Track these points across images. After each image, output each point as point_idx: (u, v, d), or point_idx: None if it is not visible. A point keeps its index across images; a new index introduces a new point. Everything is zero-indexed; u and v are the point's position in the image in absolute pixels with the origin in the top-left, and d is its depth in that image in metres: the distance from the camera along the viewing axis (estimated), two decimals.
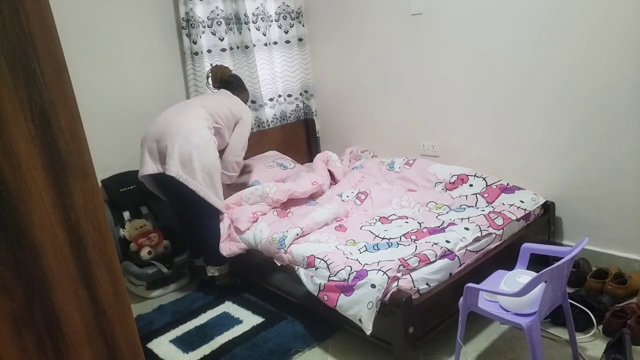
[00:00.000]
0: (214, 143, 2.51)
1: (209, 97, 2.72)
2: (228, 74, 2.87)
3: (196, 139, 2.43)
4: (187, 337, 2.28)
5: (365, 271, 1.88)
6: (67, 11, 2.63)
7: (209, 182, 2.47)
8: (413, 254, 1.95)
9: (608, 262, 2.38)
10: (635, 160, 2.23)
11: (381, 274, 1.83)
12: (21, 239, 0.78)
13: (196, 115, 2.51)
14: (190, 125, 2.45)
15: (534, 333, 1.55)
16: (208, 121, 2.52)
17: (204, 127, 2.48)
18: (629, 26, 2.10)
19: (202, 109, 2.55)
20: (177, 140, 2.40)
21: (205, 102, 2.61)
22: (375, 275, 1.83)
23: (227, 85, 2.84)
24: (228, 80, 2.84)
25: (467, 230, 2.13)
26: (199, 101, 2.63)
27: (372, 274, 1.85)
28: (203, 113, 2.53)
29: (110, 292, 0.90)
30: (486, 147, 2.76)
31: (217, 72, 2.86)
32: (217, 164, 2.50)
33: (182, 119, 2.47)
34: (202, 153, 2.43)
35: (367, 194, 2.72)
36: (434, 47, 2.84)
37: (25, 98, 0.76)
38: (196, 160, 2.41)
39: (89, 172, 0.85)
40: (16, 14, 0.74)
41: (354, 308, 1.86)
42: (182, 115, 2.50)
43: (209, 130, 2.51)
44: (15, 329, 0.78)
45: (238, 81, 2.88)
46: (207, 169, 2.45)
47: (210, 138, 2.50)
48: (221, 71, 2.86)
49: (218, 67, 2.89)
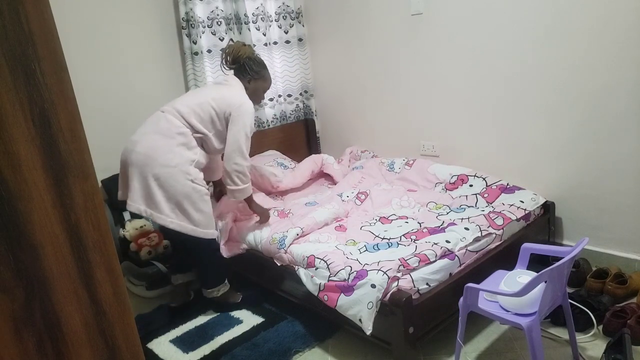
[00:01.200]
0: (188, 164, 2.17)
1: (197, 94, 2.35)
2: (245, 55, 2.41)
3: (156, 168, 2.10)
4: (187, 337, 2.28)
5: (365, 271, 1.88)
6: (67, 11, 2.63)
7: (180, 211, 2.15)
8: (413, 254, 1.95)
9: (608, 262, 2.38)
10: (636, 160, 2.23)
11: (381, 274, 1.83)
12: (21, 239, 0.78)
13: (165, 130, 2.17)
14: (153, 149, 2.12)
15: (534, 333, 1.55)
16: (183, 136, 2.18)
17: (172, 147, 2.14)
18: (629, 26, 2.10)
19: (176, 119, 2.20)
20: (136, 170, 2.12)
21: (187, 103, 2.25)
22: (375, 275, 1.83)
23: (241, 68, 2.42)
24: (242, 63, 2.41)
25: (467, 230, 2.13)
26: (179, 103, 2.26)
27: (372, 274, 1.84)
28: (176, 125, 2.19)
29: (110, 292, 0.90)
30: (486, 147, 2.76)
31: (231, 51, 2.42)
32: (188, 190, 2.15)
33: (146, 139, 2.17)
34: (166, 183, 2.11)
35: (367, 194, 2.72)
36: (434, 47, 2.84)
37: (25, 98, 0.76)
38: (158, 194, 2.11)
39: (89, 172, 0.85)
40: (16, 14, 0.74)
41: (354, 308, 1.86)
42: (147, 134, 2.19)
43: (181, 148, 2.16)
44: (15, 330, 0.78)
45: (254, 65, 2.41)
46: (175, 199, 2.13)
47: (182, 161, 2.15)
48: (236, 50, 2.41)
49: (235, 44, 2.45)
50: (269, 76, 2.50)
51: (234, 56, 2.41)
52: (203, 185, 2.24)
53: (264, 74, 2.45)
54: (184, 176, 2.14)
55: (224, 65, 2.47)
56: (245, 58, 2.41)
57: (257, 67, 2.42)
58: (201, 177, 2.24)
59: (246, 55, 2.41)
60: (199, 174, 2.22)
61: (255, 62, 2.43)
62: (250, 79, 2.41)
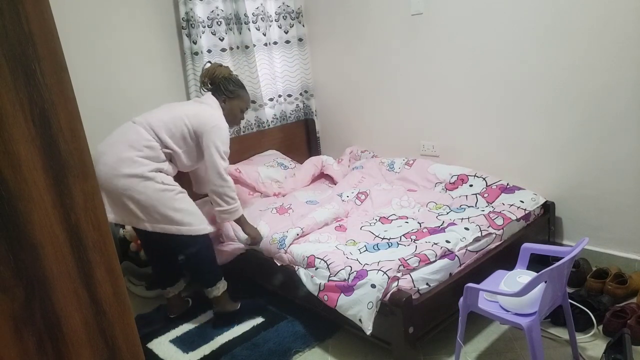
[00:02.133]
0: (154, 171, 2.12)
1: (172, 109, 2.30)
2: (220, 76, 2.43)
3: (121, 179, 2.05)
4: (187, 337, 2.28)
5: (366, 271, 1.88)
6: (67, 11, 2.63)
7: (158, 215, 2.11)
8: (413, 254, 1.95)
9: (608, 262, 2.38)
10: (636, 160, 2.23)
11: (381, 274, 1.83)
12: (21, 239, 0.78)
13: (133, 141, 2.12)
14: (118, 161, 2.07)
15: (534, 333, 1.55)
16: (150, 149, 2.13)
17: (137, 157, 2.09)
18: (629, 26, 2.10)
19: (146, 132, 2.15)
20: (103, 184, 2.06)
21: (160, 117, 2.22)
22: (375, 276, 1.83)
23: (217, 88, 2.43)
24: (217, 83, 2.43)
25: (467, 230, 2.13)
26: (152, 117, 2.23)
27: (372, 274, 1.85)
28: (145, 138, 2.14)
29: (110, 292, 0.89)
30: (486, 146, 2.76)
31: (207, 73, 2.46)
32: (158, 195, 2.10)
33: (112, 151, 2.12)
34: (135, 192, 2.07)
35: (367, 194, 2.72)
36: (434, 47, 2.84)
37: (25, 98, 0.76)
38: (130, 204, 2.08)
39: (89, 172, 0.85)
40: (16, 14, 0.74)
41: (354, 308, 1.86)
42: (114, 145, 2.14)
43: (146, 160, 2.11)
44: (16, 329, 0.78)
45: (228, 84, 2.42)
46: (149, 205, 2.09)
47: (146, 169, 2.09)
48: (212, 71, 2.44)
49: (211, 66, 2.47)
50: (246, 95, 2.49)
51: (210, 77, 2.44)
52: (174, 184, 2.19)
53: (239, 93, 2.45)
54: (149, 182, 2.09)
55: (202, 88, 2.51)
56: (221, 78, 2.42)
57: (232, 86, 2.43)
58: (170, 180, 2.19)
59: (222, 76, 2.42)
60: (166, 178, 2.17)
61: (231, 81, 2.44)
62: (225, 98, 2.41)
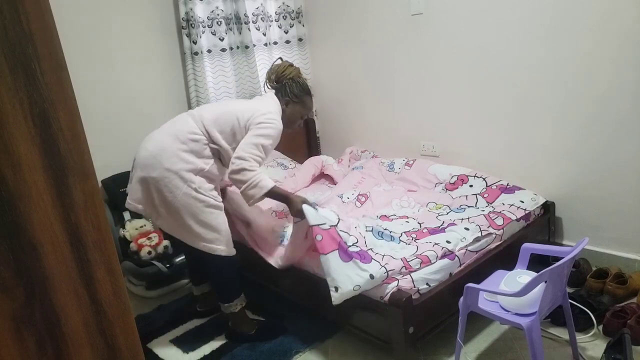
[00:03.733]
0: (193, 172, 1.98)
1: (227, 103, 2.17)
2: (288, 76, 2.25)
3: (157, 171, 1.94)
4: (187, 337, 2.28)
5: (370, 257, 1.87)
6: (67, 11, 2.63)
7: (178, 219, 1.99)
8: (415, 255, 1.95)
9: (608, 262, 2.38)
10: (636, 160, 2.23)
11: (383, 271, 1.82)
12: (21, 239, 0.78)
13: (179, 132, 2.01)
14: (160, 150, 1.97)
15: (534, 333, 1.55)
16: (195, 143, 2.00)
17: (179, 151, 1.97)
18: (632, 28, 2.10)
19: (195, 123, 2.03)
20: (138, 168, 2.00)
21: (212, 110, 2.10)
22: (377, 269, 1.82)
23: (281, 89, 2.24)
24: (284, 83, 2.25)
25: (467, 230, 2.13)
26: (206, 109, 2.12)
27: (375, 266, 1.83)
28: (191, 130, 2.01)
29: (110, 292, 0.89)
30: (486, 146, 2.76)
31: (275, 70, 2.27)
32: (188, 200, 1.96)
33: (158, 138, 2.03)
34: (165, 189, 1.95)
35: (367, 196, 2.71)
36: (434, 47, 2.84)
37: (25, 98, 0.76)
38: (155, 198, 1.97)
39: (89, 172, 0.85)
40: (16, 14, 0.74)
41: (339, 275, 1.79)
42: (161, 132, 2.05)
43: (188, 155, 1.98)
44: (16, 329, 0.78)
45: (294, 87, 2.23)
46: (174, 207, 1.96)
47: (185, 167, 1.96)
48: (280, 70, 2.26)
49: (282, 63, 2.29)
50: (310, 103, 2.30)
51: (278, 75, 2.27)
52: (210, 196, 2.01)
53: (304, 100, 2.25)
54: (184, 183, 1.96)
55: (266, 84, 2.33)
56: (288, 79, 2.25)
57: (298, 90, 2.24)
58: (208, 187, 2.02)
59: (290, 76, 2.25)
60: (204, 184, 2.00)
61: (298, 85, 2.25)
62: (288, 101, 2.22)
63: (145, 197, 2.01)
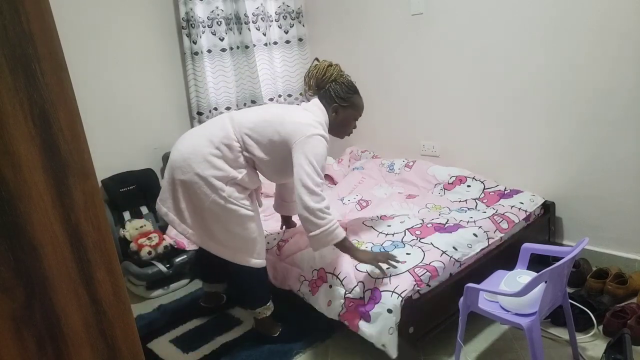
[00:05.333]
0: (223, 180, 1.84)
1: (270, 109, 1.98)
2: (331, 78, 1.99)
3: (187, 174, 1.83)
4: (187, 337, 2.28)
5: (380, 292, 1.82)
6: (67, 11, 2.63)
7: (203, 227, 1.90)
8: (424, 267, 1.90)
9: (608, 262, 2.38)
10: (636, 160, 2.23)
11: (396, 297, 1.78)
12: (21, 239, 0.78)
13: (213, 135, 1.88)
14: (192, 152, 1.86)
15: (534, 333, 1.55)
16: (228, 149, 1.86)
17: (210, 156, 1.84)
18: (630, 28, 2.10)
19: (231, 128, 1.88)
20: (169, 169, 1.91)
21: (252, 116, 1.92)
22: (390, 299, 1.78)
23: (325, 94, 2.00)
24: (327, 88, 2.00)
25: (476, 237, 2.11)
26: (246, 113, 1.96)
27: (386, 297, 1.80)
28: (225, 134, 1.87)
29: (110, 292, 0.89)
30: (487, 147, 2.76)
31: (315, 74, 2.01)
32: (216, 209, 1.86)
33: (192, 138, 1.92)
34: (193, 194, 1.85)
35: (368, 202, 2.68)
36: (434, 47, 2.84)
37: (25, 98, 0.76)
38: (182, 201, 1.88)
39: (89, 172, 0.85)
40: (16, 14, 0.74)
41: (375, 335, 1.82)
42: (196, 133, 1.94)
43: (220, 161, 1.85)
44: (16, 329, 0.78)
45: (340, 90, 1.98)
46: (200, 213, 1.88)
47: (215, 174, 1.83)
48: (320, 73, 2.00)
49: (320, 65, 2.02)
50: (360, 102, 2.04)
51: (318, 80, 2.00)
52: (241, 205, 1.89)
53: (354, 101, 2.00)
54: (213, 191, 1.84)
55: (307, 92, 2.07)
56: (331, 82, 1.99)
57: (345, 92, 1.99)
58: (239, 197, 1.89)
59: (332, 78, 1.99)
60: (234, 193, 1.87)
61: (344, 86, 2.00)
62: (337, 107, 1.98)
63: (172, 200, 1.92)
